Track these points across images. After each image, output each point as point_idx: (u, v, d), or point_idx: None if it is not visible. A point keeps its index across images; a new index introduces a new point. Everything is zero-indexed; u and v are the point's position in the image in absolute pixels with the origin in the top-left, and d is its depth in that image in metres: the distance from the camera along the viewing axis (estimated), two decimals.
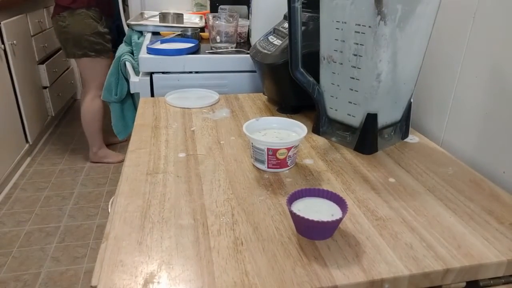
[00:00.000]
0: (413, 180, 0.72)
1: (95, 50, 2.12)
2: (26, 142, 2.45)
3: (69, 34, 2.09)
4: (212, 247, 0.54)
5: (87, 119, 2.28)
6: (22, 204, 2.05)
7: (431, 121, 0.93)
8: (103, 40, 2.13)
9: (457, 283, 0.53)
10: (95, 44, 2.11)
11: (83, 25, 2.07)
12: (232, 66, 1.20)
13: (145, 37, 1.41)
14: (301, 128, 0.76)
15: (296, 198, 0.59)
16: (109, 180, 2.29)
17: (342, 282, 0.49)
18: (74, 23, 2.07)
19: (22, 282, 1.57)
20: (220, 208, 0.62)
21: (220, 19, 1.25)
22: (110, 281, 0.49)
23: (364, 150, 0.81)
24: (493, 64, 0.75)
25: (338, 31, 0.76)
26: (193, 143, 0.83)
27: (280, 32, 0.99)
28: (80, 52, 2.11)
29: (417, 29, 0.74)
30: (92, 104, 2.24)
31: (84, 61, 2.15)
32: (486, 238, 0.57)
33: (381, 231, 0.58)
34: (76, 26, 2.07)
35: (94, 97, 2.22)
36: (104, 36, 2.14)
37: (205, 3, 2.02)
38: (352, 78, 0.78)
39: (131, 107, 1.69)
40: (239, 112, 1.00)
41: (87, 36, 2.08)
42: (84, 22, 2.07)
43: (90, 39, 2.09)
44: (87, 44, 2.09)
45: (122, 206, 0.62)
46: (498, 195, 0.68)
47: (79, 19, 2.06)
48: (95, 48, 2.12)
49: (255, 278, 0.49)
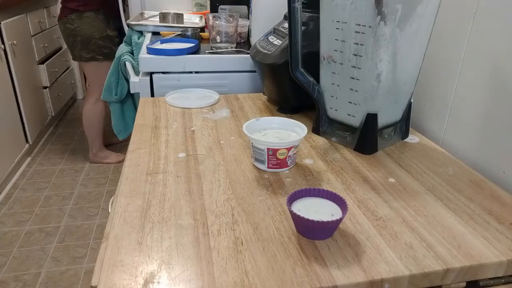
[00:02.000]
0: (413, 180, 0.72)
1: (103, 54, 2.11)
2: (26, 142, 2.45)
3: (77, 37, 2.07)
4: (212, 247, 0.54)
5: (89, 121, 2.28)
6: (22, 204, 2.05)
7: (431, 121, 0.93)
8: (111, 44, 2.12)
9: (457, 283, 0.53)
10: (103, 47, 2.10)
11: (92, 28, 2.06)
12: (232, 66, 1.20)
13: (145, 37, 1.41)
14: (301, 128, 0.75)
15: (296, 198, 0.59)
16: (109, 180, 2.30)
17: (342, 282, 0.49)
18: (83, 25, 2.05)
19: (22, 282, 1.57)
20: (220, 208, 0.62)
21: (220, 19, 1.25)
22: (110, 281, 0.49)
23: (364, 150, 0.81)
24: (493, 64, 0.75)
25: (338, 31, 0.76)
26: (193, 143, 0.83)
27: (280, 32, 0.99)
28: (88, 55, 2.10)
29: (417, 29, 0.74)
30: (95, 106, 2.24)
31: (91, 65, 2.14)
32: (486, 238, 0.57)
33: (381, 231, 0.58)
34: (85, 29, 2.05)
35: (98, 100, 2.21)
36: (112, 39, 2.13)
37: (205, 3, 2.02)
38: (352, 78, 0.78)
39: (131, 107, 1.69)
40: (239, 112, 1.00)
41: (96, 40, 2.07)
42: (93, 25, 2.06)
43: (99, 43, 2.08)
44: (95, 47, 2.08)
45: (122, 206, 0.62)
46: (498, 195, 0.68)
47: (87, 21, 2.04)
48: (103, 52, 2.11)
49: (255, 278, 0.49)
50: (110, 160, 2.44)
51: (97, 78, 2.17)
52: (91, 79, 2.23)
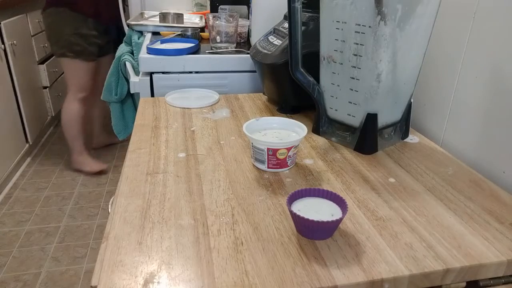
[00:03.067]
0: (413, 180, 0.72)
1: (74, 51, 2.05)
2: (26, 142, 2.45)
3: (51, 31, 2.05)
4: (212, 247, 0.54)
5: (64, 121, 2.21)
6: (22, 204, 2.05)
7: (431, 121, 0.93)
8: (84, 42, 2.05)
9: (457, 283, 0.53)
10: (74, 45, 2.04)
11: (63, 24, 2.01)
12: (232, 66, 1.20)
13: (145, 37, 1.41)
14: (301, 128, 0.75)
15: (296, 198, 0.59)
16: (109, 180, 2.29)
17: (342, 282, 0.49)
18: (56, 21, 2.02)
19: (22, 282, 1.57)
20: (220, 208, 0.62)
21: (220, 19, 1.25)
22: (110, 281, 0.49)
23: (364, 150, 0.81)
24: (493, 64, 0.75)
25: (338, 31, 0.76)
26: (193, 143, 0.83)
27: (280, 32, 0.99)
28: (59, 51, 2.07)
29: (417, 29, 0.74)
30: (70, 106, 2.17)
31: (63, 61, 2.10)
32: (486, 238, 0.57)
33: (381, 231, 0.58)
34: (58, 24, 2.02)
35: (73, 99, 2.15)
36: (87, 38, 2.05)
37: (205, 3, 2.02)
38: (352, 78, 0.78)
39: (131, 107, 1.69)
40: (239, 112, 1.00)
41: (67, 36, 2.02)
42: (65, 21, 2.01)
43: (70, 39, 2.02)
44: (65, 43, 2.03)
45: (122, 206, 0.62)
46: (498, 195, 0.68)
47: (61, 17, 2.01)
48: (74, 49, 2.05)
49: (255, 278, 0.49)
50: (89, 168, 2.32)
51: (71, 75, 2.13)
52: (66, 76, 2.18)
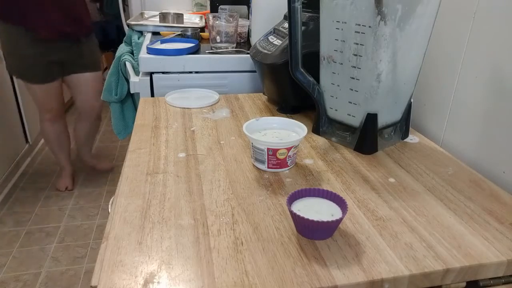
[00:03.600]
0: (413, 180, 0.72)
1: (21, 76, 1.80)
2: (26, 142, 2.45)
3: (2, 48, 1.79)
4: (212, 247, 0.54)
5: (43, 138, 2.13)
6: (22, 204, 2.05)
7: (431, 121, 0.93)
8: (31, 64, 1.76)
9: (457, 283, 0.53)
10: (20, 68, 1.79)
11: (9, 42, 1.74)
12: (232, 66, 1.20)
13: (145, 37, 1.41)
14: (301, 128, 0.75)
15: (296, 198, 0.59)
16: (109, 180, 2.30)
17: (342, 282, 0.49)
18: (4, 37, 1.75)
19: (22, 282, 1.57)
20: (220, 208, 0.62)
21: (220, 19, 1.25)
22: (110, 281, 0.49)
23: (364, 150, 0.81)
24: (493, 64, 0.75)
25: (338, 31, 0.77)
26: (193, 143, 0.83)
27: (280, 32, 0.99)
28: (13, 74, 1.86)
29: (417, 29, 0.74)
30: (41, 125, 2.04)
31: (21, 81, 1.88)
32: (486, 238, 0.57)
33: (381, 231, 0.58)
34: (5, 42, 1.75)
35: (42, 119, 2.00)
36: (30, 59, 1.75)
37: (205, 3, 2.02)
38: (352, 78, 0.78)
39: (131, 107, 1.68)
40: (239, 112, 1.00)
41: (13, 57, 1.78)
42: (11, 39, 1.74)
43: (16, 62, 1.78)
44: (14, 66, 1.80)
45: (122, 206, 0.62)
46: (498, 195, 0.68)
47: (8, 34, 1.74)
48: (21, 73, 1.80)
49: (255, 278, 0.49)
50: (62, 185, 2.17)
51: (32, 96, 1.91)
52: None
